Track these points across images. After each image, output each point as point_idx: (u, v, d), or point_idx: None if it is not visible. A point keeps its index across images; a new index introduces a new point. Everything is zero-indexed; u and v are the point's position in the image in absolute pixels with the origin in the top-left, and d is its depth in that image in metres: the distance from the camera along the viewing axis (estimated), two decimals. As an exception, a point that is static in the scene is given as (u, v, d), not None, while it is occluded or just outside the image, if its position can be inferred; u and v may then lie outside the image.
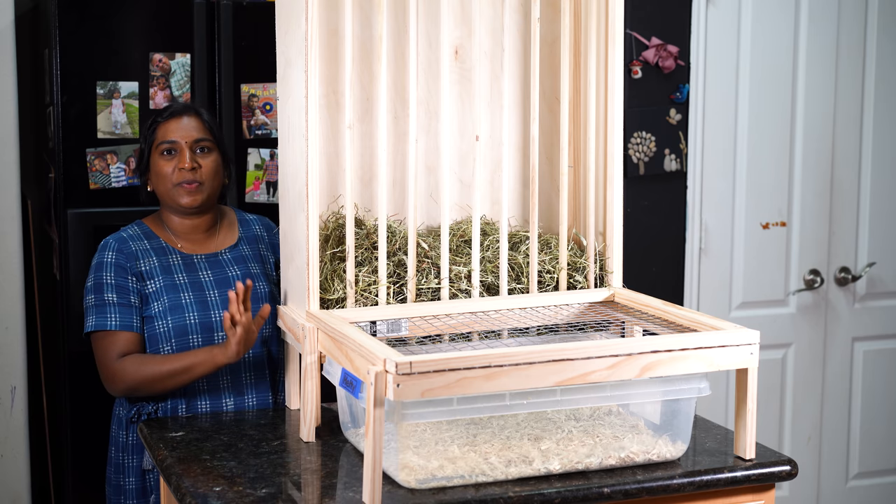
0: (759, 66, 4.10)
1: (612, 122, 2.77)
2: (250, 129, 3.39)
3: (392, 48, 2.70)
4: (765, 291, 4.21)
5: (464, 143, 2.81)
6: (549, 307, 2.69)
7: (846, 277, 4.27)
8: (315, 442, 2.52)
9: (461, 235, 2.75)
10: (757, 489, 2.42)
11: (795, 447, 4.28)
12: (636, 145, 3.96)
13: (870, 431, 4.38)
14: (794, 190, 4.19)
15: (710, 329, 2.40)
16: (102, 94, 3.26)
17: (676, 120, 4.01)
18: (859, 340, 4.34)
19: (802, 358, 4.27)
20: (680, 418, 2.42)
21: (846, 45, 4.18)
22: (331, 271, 2.60)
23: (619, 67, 2.76)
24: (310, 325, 2.50)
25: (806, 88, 4.15)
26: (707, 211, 4.12)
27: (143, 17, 3.31)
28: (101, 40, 3.26)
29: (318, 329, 2.49)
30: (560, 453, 2.35)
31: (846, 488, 4.38)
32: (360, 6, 2.68)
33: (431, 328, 2.55)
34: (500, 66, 2.75)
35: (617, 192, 2.79)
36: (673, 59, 3.96)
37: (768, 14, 4.09)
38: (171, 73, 3.31)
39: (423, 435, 2.40)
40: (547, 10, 2.82)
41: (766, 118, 4.13)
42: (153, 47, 3.30)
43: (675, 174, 4.05)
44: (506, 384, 2.18)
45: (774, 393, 4.25)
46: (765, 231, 4.18)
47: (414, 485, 2.24)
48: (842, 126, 4.21)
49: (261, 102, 3.39)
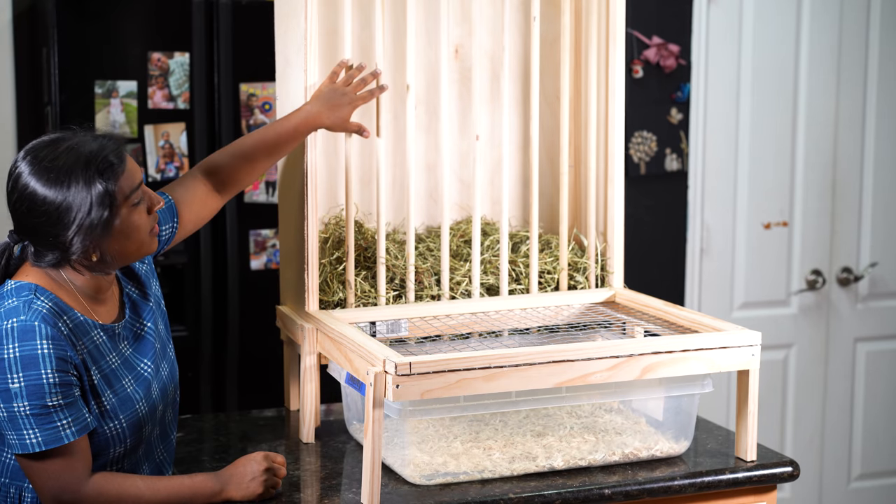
0: (760, 66, 4.09)
1: (612, 121, 2.76)
2: (249, 128, 3.38)
3: (391, 47, 2.69)
4: (766, 292, 4.20)
5: (464, 143, 2.80)
6: (549, 308, 2.68)
7: (848, 278, 4.26)
8: (315, 443, 2.52)
9: (461, 235, 2.74)
10: (758, 490, 2.41)
11: (797, 448, 4.27)
12: (637, 145, 3.95)
13: (872, 432, 4.37)
14: (795, 189, 4.18)
15: (711, 330, 2.40)
16: (101, 93, 3.25)
17: (678, 119, 4.00)
18: (861, 341, 4.33)
19: (804, 359, 4.26)
20: (682, 415, 2.43)
21: (848, 43, 4.17)
22: (329, 273, 2.59)
23: (619, 66, 2.75)
24: (309, 326, 2.49)
25: (808, 87, 4.14)
26: (708, 211, 4.11)
27: (142, 16, 3.30)
28: (99, 39, 3.25)
29: (317, 330, 2.48)
30: (563, 450, 2.35)
31: (848, 489, 4.37)
32: (360, 5, 2.67)
33: (431, 329, 2.54)
34: (500, 65, 2.74)
35: (618, 192, 2.78)
36: (674, 59, 3.95)
37: (770, 13, 4.08)
38: (169, 72, 3.30)
39: (427, 431, 2.42)
40: (548, 9, 2.81)
41: (768, 117, 4.12)
42: (152, 46, 3.29)
43: (677, 174, 4.04)
44: (505, 385, 2.17)
45: (776, 394, 4.24)
46: (766, 231, 4.17)
47: (419, 481, 2.26)
48: (844, 125, 4.20)
49: (260, 102, 3.38)
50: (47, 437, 2.01)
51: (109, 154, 2.06)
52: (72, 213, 2.02)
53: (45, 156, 2.05)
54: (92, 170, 2.03)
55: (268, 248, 3.43)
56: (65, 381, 2.03)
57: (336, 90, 2.49)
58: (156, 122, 3.31)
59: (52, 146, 2.06)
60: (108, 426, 2.10)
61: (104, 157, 2.05)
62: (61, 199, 2.02)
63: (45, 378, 2.00)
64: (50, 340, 2.01)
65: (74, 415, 2.03)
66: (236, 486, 2.17)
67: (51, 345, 2.01)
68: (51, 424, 2.01)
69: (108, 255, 2.09)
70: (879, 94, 4.23)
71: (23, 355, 2.00)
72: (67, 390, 2.03)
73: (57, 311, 2.06)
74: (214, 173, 2.42)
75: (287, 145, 2.45)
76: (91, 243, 2.05)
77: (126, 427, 2.12)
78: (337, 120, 2.47)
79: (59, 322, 2.05)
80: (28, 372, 2.00)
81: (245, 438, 2.59)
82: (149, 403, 2.17)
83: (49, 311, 2.04)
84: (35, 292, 2.06)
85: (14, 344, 2.00)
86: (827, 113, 4.18)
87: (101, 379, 2.10)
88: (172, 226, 2.34)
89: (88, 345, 2.10)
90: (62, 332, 2.04)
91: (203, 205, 2.40)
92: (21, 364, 2.00)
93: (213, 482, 2.15)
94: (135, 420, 2.14)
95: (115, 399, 2.11)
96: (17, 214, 2.07)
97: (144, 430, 2.17)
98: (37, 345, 2.00)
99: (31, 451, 2.01)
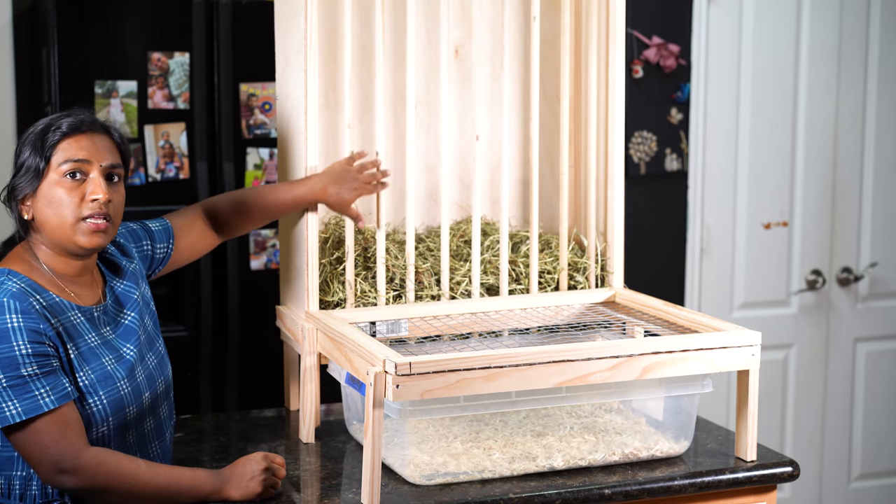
0: (760, 65, 4.09)
1: (612, 121, 2.76)
2: (249, 128, 3.38)
3: (392, 47, 2.69)
4: (766, 292, 4.20)
5: (464, 143, 2.80)
6: (549, 308, 2.68)
7: (848, 278, 4.26)
8: (315, 443, 2.52)
9: (461, 235, 2.74)
10: (758, 490, 2.41)
11: (797, 448, 4.27)
12: (637, 145, 3.95)
13: (872, 432, 4.37)
14: (795, 189, 4.18)
15: (711, 330, 2.40)
16: (101, 93, 3.25)
17: (678, 119, 4.00)
18: (861, 341, 4.33)
19: (804, 359, 4.26)
20: (682, 415, 2.43)
21: (848, 43, 4.17)
22: (329, 273, 2.59)
23: (619, 66, 2.74)
24: (309, 326, 2.49)
25: (808, 87, 4.14)
26: (708, 211, 4.11)
27: (142, 16, 3.30)
28: (99, 39, 3.25)
29: (317, 330, 2.48)
30: (563, 450, 2.36)
31: (848, 489, 4.37)
32: (360, 5, 2.67)
33: (431, 329, 2.54)
34: (500, 65, 2.74)
35: (618, 192, 2.78)
36: (674, 59, 3.95)
37: (770, 13, 4.08)
38: (169, 72, 3.30)
39: (427, 431, 2.42)
40: (548, 8, 2.81)
41: (768, 117, 4.12)
42: (152, 46, 3.29)
43: (677, 174, 4.04)
44: (505, 385, 2.17)
45: (776, 394, 4.24)
46: (766, 231, 4.17)
47: (419, 481, 2.26)
48: (844, 125, 4.20)
49: (260, 102, 3.38)
50: (26, 407, 2.03)
51: (68, 120, 2.16)
52: (21, 156, 2.15)
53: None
54: (45, 128, 2.15)
55: (268, 248, 3.43)
56: (39, 352, 2.06)
57: (349, 172, 2.56)
58: (156, 122, 3.31)
59: None
60: (87, 402, 2.11)
61: (62, 119, 2.16)
62: (20, 151, 2.17)
63: (17, 350, 2.04)
64: (19, 314, 2.05)
65: (52, 383, 2.06)
66: (235, 485, 2.17)
67: (20, 318, 2.05)
68: (28, 394, 2.04)
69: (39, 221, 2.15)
70: (879, 93, 4.23)
71: None
72: (44, 360, 2.06)
73: (28, 291, 2.09)
74: (212, 216, 2.52)
75: (284, 211, 2.55)
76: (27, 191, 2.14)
77: (107, 404, 2.13)
78: (340, 200, 2.54)
79: (30, 299, 2.08)
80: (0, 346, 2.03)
81: (245, 438, 2.59)
82: (131, 384, 2.17)
83: (20, 290, 2.08)
84: (7, 275, 2.11)
85: None
86: (827, 112, 4.18)
87: (77, 356, 2.12)
88: (168, 246, 2.43)
89: (65, 322, 2.12)
90: (34, 307, 2.07)
91: (200, 238, 2.50)
92: None
93: (213, 479, 2.15)
94: (116, 397, 2.14)
95: (94, 375, 2.12)
96: None
97: (128, 412, 2.17)
98: (6, 319, 2.04)
99: (11, 421, 2.04)
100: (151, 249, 2.41)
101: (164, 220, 2.46)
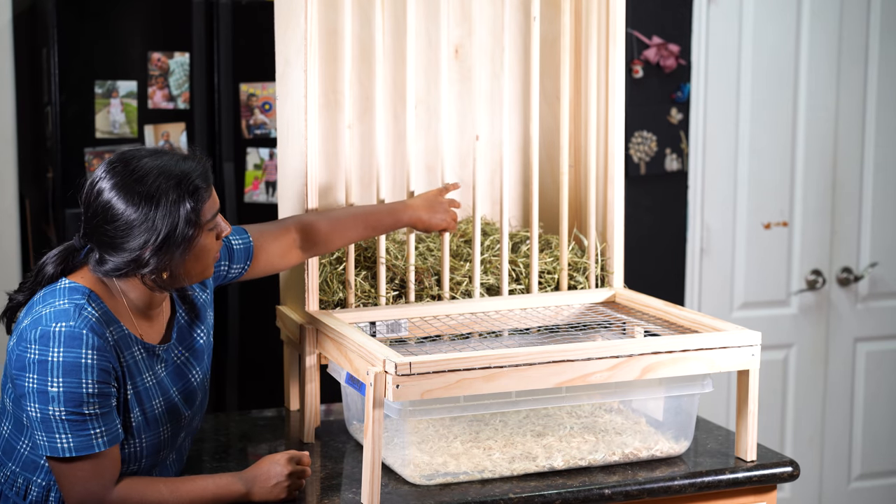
0: (760, 65, 4.09)
1: (612, 121, 2.76)
2: (249, 128, 3.38)
3: (391, 47, 2.69)
4: (766, 292, 4.20)
5: (464, 143, 2.80)
6: (549, 308, 2.68)
7: (848, 278, 4.26)
8: (315, 443, 2.52)
9: (461, 235, 2.74)
10: (758, 490, 2.41)
11: (797, 448, 4.27)
12: (637, 145, 3.95)
13: (872, 432, 4.37)
14: (795, 189, 4.18)
15: (711, 330, 2.40)
16: (101, 93, 3.25)
17: (677, 119, 4.00)
18: (862, 341, 4.33)
19: (804, 359, 4.26)
20: (682, 415, 2.43)
21: (848, 43, 4.17)
22: (329, 273, 2.59)
23: (619, 66, 2.74)
24: (309, 326, 2.49)
25: (808, 87, 4.14)
26: (708, 211, 4.11)
27: (142, 16, 3.30)
28: (99, 39, 3.25)
29: (317, 330, 2.48)
30: (563, 450, 2.36)
31: (848, 490, 4.37)
32: (360, 5, 2.67)
33: (431, 329, 2.54)
34: (500, 65, 2.74)
35: (618, 192, 2.78)
36: (674, 59, 3.95)
37: (770, 13, 4.08)
38: (169, 72, 3.30)
39: (427, 431, 2.42)
40: (548, 8, 2.81)
41: (768, 117, 4.12)
42: (152, 46, 3.29)
43: (677, 174, 4.04)
44: (505, 385, 2.17)
45: (776, 394, 4.24)
46: (766, 231, 4.17)
47: (419, 481, 2.27)
48: (844, 125, 4.20)
49: (260, 102, 3.38)
50: (79, 444, 2.02)
51: (198, 177, 2.09)
52: (155, 231, 2.04)
53: (132, 170, 2.06)
54: (182, 190, 2.06)
55: (268, 248, 3.43)
56: (103, 392, 2.04)
57: (441, 203, 2.60)
58: (156, 122, 3.31)
59: (138, 161, 2.07)
60: (127, 444, 2.12)
61: (194, 179, 2.08)
62: (145, 216, 2.04)
63: (84, 387, 2.01)
64: (95, 351, 2.02)
65: (108, 425, 2.05)
66: (260, 489, 2.16)
67: (95, 355, 2.02)
68: (84, 432, 2.02)
69: (176, 274, 2.10)
70: (879, 93, 4.22)
71: (66, 361, 2.00)
72: (105, 400, 2.04)
73: (105, 321, 2.07)
74: (309, 231, 2.45)
75: (380, 233, 2.56)
76: (168, 262, 2.07)
77: (145, 447, 2.14)
78: (427, 227, 2.59)
79: (106, 332, 2.06)
80: (69, 378, 2.00)
81: (245, 438, 2.59)
82: (173, 429, 2.19)
83: (98, 319, 2.05)
84: (88, 297, 2.07)
85: (59, 348, 2.01)
86: (827, 112, 4.18)
87: (134, 394, 2.11)
88: (244, 267, 2.39)
89: (129, 359, 2.11)
90: (108, 342, 2.05)
91: (282, 257, 2.43)
92: (63, 369, 2.00)
93: (239, 484, 2.15)
94: (155, 443, 2.15)
95: (142, 418, 2.13)
96: (91, 223, 2.08)
97: (161, 454, 2.19)
98: (82, 353, 2.01)
99: (60, 455, 2.02)
100: (227, 269, 2.37)
101: (247, 235, 2.38)
